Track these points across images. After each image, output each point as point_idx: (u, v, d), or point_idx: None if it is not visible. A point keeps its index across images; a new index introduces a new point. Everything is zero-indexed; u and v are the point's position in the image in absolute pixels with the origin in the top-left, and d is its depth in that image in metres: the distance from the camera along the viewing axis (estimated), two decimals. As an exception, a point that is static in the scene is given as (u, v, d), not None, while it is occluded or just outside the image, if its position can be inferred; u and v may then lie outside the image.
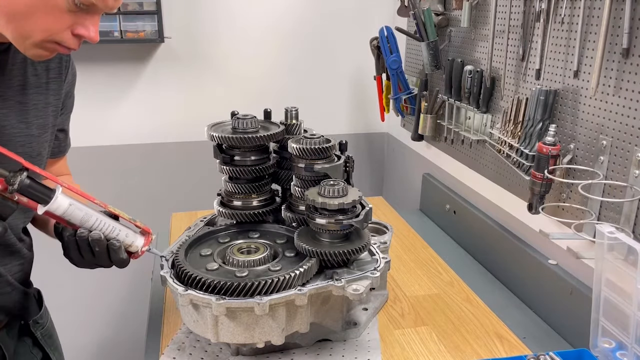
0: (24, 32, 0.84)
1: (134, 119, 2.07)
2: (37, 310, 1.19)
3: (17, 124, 0.95)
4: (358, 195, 1.04)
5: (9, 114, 0.95)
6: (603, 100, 1.11)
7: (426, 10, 1.61)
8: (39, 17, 0.83)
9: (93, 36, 0.88)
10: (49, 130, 1.05)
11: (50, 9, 0.82)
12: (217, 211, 1.20)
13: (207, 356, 1.10)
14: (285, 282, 0.96)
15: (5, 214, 0.85)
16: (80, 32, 0.87)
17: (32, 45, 0.86)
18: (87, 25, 0.87)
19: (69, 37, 0.87)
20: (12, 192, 0.84)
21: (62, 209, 0.90)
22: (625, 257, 0.94)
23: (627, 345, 0.97)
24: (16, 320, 1.14)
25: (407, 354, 1.15)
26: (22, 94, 0.98)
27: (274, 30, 2.12)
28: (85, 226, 0.94)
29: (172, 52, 2.04)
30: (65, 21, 0.85)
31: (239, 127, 1.13)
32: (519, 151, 1.32)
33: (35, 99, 1.01)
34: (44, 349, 1.20)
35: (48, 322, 1.24)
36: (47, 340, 1.21)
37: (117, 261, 0.98)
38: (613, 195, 1.10)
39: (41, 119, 1.03)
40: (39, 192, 0.87)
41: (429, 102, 1.74)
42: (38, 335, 1.18)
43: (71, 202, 0.91)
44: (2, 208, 0.84)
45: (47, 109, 1.04)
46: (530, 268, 1.36)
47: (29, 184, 0.85)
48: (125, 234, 0.98)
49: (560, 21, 1.20)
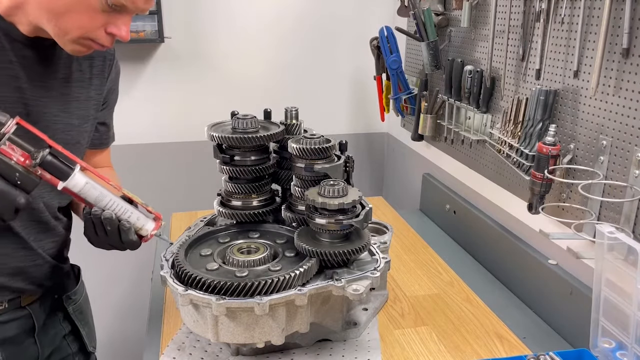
0: (63, 28, 0.93)
1: (134, 119, 2.07)
2: (73, 285, 1.28)
3: (58, 112, 1.03)
4: (358, 195, 1.03)
5: (51, 103, 1.03)
6: (603, 100, 1.11)
7: (426, 10, 1.61)
8: (75, 15, 0.92)
9: (124, 35, 0.97)
10: (89, 121, 1.14)
11: (85, 8, 0.92)
12: (217, 211, 1.20)
13: (207, 356, 1.10)
14: (285, 282, 0.96)
15: (29, 187, 0.92)
16: (113, 31, 0.96)
17: (70, 41, 0.95)
18: (119, 25, 0.96)
19: (102, 35, 0.96)
20: (35, 167, 0.92)
21: (79, 187, 0.97)
22: (625, 257, 0.94)
23: (627, 345, 0.97)
24: (50, 294, 1.21)
25: (407, 354, 1.15)
26: (66, 86, 1.07)
27: (274, 30, 2.12)
28: (99, 205, 1.00)
29: (172, 52, 2.04)
30: (99, 20, 0.94)
31: (239, 127, 1.13)
32: (519, 151, 1.32)
33: (78, 92, 1.10)
34: (74, 323, 1.27)
35: (82, 298, 1.31)
36: (78, 315, 1.29)
37: (127, 242, 1.03)
38: (613, 195, 1.10)
39: (82, 110, 1.11)
40: (58, 168, 0.95)
41: (429, 102, 1.74)
42: (70, 309, 1.26)
43: (87, 181, 0.98)
44: (25, 181, 0.91)
45: (88, 102, 1.13)
46: (530, 268, 1.36)
47: (50, 160, 0.93)
48: (136, 217, 1.04)
49: (560, 21, 1.20)
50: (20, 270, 1.10)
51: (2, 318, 1.11)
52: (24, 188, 0.91)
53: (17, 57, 0.99)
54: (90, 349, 1.33)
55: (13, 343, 1.14)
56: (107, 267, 1.99)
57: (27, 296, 1.15)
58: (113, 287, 2.25)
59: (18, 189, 0.90)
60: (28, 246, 1.09)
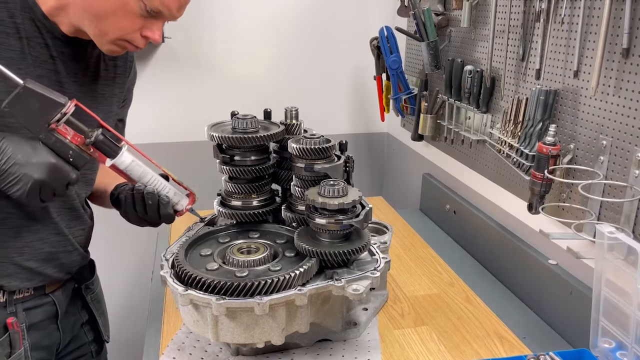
0: (103, 30, 1.01)
1: (134, 119, 2.04)
2: (90, 276, 1.34)
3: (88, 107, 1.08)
4: (358, 195, 1.03)
5: (82, 97, 1.08)
6: (603, 100, 1.11)
7: (426, 10, 1.61)
8: (116, 19, 1.00)
9: (157, 38, 1.06)
10: (112, 117, 1.22)
11: (126, 12, 0.99)
12: (217, 211, 1.20)
13: (207, 356, 1.10)
14: (285, 282, 0.96)
15: (80, 164, 0.99)
16: (148, 34, 1.04)
17: (108, 42, 1.03)
18: (153, 29, 1.04)
19: (138, 37, 1.04)
20: (89, 145, 1.00)
21: (126, 164, 1.06)
22: (625, 257, 0.94)
23: (627, 345, 0.97)
24: (71, 282, 1.27)
25: (407, 354, 1.15)
26: (94, 83, 1.15)
27: (274, 30, 2.12)
28: (142, 181, 1.10)
29: (172, 52, 2.04)
30: (137, 24, 1.02)
31: (239, 127, 1.13)
32: (519, 151, 1.32)
33: (103, 89, 1.17)
34: (92, 312, 1.34)
35: (98, 289, 1.38)
36: (96, 305, 1.35)
37: (164, 215, 1.13)
38: (613, 195, 1.10)
39: (107, 106, 1.19)
40: (109, 147, 1.03)
41: (429, 102, 1.74)
42: (88, 299, 1.32)
43: (133, 159, 1.07)
44: (77, 158, 0.98)
45: (112, 99, 1.21)
46: (530, 268, 1.36)
47: (102, 139, 1.01)
48: (173, 192, 1.14)
49: (560, 21, 1.20)
50: (52, 256, 1.15)
51: (28, 304, 1.16)
52: (75, 165, 0.98)
53: (57, 53, 1.06)
54: (105, 337, 1.40)
55: (39, 329, 1.19)
56: (107, 267, 1.98)
57: (51, 284, 1.20)
58: (113, 287, 2.24)
59: (70, 165, 0.97)
60: (61, 232, 1.16)
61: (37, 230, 1.12)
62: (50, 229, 1.14)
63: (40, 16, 1.02)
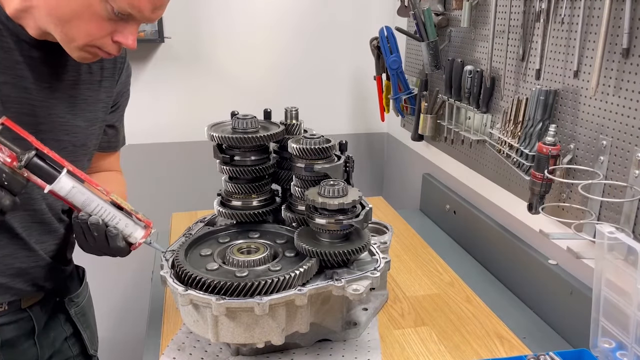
0: (69, 35, 0.93)
1: (134, 119, 2.05)
2: (76, 287, 1.27)
3: (65, 114, 1.03)
4: (358, 195, 1.03)
5: (57, 104, 1.03)
6: (603, 100, 1.11)
7: (426, 10, 1.61)
8: (82, 23, 0.91)
9: (130, 44, 0.96)
10: (97, 124, 1.14)
11: (92, 15, 0.90)
12: (217, 211, 1.20)
13: (207, 356, 1.10)
14: (285, 282, 0.96)
15: (15, 189, 0.90)
16: (119, 39, 0.95)
17: (76, 48, 0.95)
18: (125, 34, 0.95)
19: (109, 43, 0.95)
20: (21, 168, 0.90)
21: (65, 190, 0.95)
22: (625, 257, 0.94)
23: (627, 345, 0.97)
24: (51, 296, 1.20)
25: (407, 354, 1.15)
26: (74, 88, 1.07)
27: (274, 30, 2.12)
28: (86, 210, 0.98)
29: (172, 52, 2.04)
30: (106, 28, 0.93)
31: (239, 127, 1.13)
32: (519, 151, 1.32)
33: (86, 94, 1.09)
34: (76, 326, 1.26)
35: (84, 301, 1.30)
36: (80, 318, 1.27)
37: (114, 248, 1.02)
38: (613, 195, 1.10)
39: (90, 112, 1.11)
40: (45, 171, 0.93)
41: (429, 102, 1.74)
42: (72, 312, 1.25)
43: (74, 185, 0.96)
44: (12, 182, 0.90)
45: (97, 104, 1.12)
46: (530, 268, 1.36)
47: (36, 163, 0.92)
48: (125, 223, 1.02)
49: (560, 21, 1.20)
50: (22, 271, 1.09)
51: (2, 320, 1.10)
52: (10, 189, 0.89)
53: (23, 57, 0.98)
54: (91, 352, 1.32)
55: (12, 346, 1.13)
56: (107, 267, 1.98)
57: (28, 298, 1.14)
58: (113, 287, 2.25)
59: (4, 190, 0.89)
60: (31, 247, 1.09)
61: (3, 246, 1.05)
62: (17, 244, 1.07)
63: (3, 18, 0.94)
